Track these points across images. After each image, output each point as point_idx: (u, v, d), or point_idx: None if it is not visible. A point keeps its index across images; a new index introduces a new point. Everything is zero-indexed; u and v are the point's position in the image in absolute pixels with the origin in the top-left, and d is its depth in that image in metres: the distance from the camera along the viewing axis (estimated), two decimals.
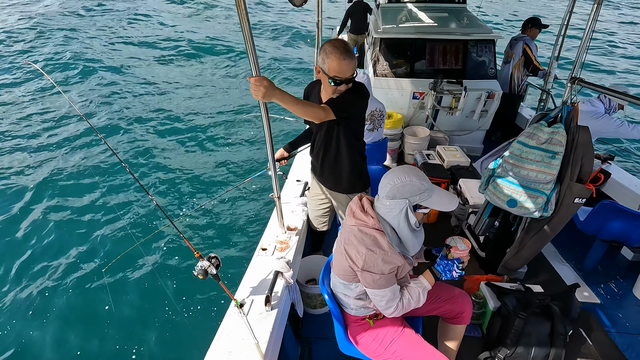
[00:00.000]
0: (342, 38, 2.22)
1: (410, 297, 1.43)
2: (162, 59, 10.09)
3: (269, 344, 1.47)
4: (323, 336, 2.19)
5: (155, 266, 3.72)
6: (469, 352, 2.00)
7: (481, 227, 2.54)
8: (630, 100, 1.85)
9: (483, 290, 2.17)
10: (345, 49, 1.60)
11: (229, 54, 10.45)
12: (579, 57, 1.95)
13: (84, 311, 3.26)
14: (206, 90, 8.56)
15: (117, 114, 7.18)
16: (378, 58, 4.09)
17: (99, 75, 8.79)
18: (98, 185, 5.06)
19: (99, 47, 10.51)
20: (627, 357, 2.04)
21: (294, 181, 2.71)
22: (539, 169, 1.87)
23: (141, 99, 7.93)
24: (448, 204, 1.36)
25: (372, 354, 1.55)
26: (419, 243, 1.42)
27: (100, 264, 3.73)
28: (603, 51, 11.22)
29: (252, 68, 1.39)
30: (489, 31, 3.98)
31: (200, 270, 1.39)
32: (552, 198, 1.92)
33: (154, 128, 6.78)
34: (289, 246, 2.03)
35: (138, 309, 3.28)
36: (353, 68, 1.64)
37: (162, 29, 12.15)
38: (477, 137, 4.34)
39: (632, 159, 6.07)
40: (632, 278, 2.58)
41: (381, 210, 1.38)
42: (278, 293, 1.70)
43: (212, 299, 3.33)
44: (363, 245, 1.35)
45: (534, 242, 2.14)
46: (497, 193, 2.03)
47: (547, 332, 1.85)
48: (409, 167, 1.38)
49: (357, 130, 1.93)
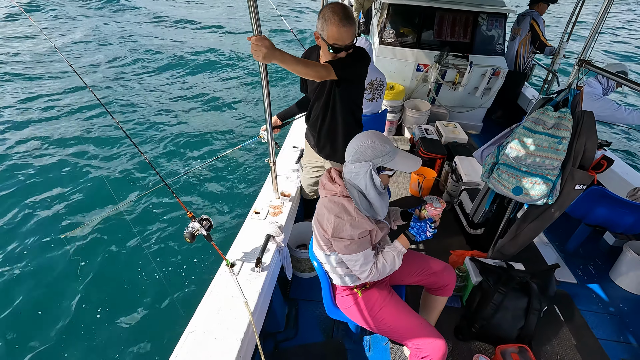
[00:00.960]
0: (342, 2, 2.12)
1: (385, 261, 1.47)
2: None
3: (258, 302, 1.53)
4: (310, 299, 2.28)
5: (146, 225, 3.76)
6: (447, 321, 2.11)
7: (480, 215, 2.56)
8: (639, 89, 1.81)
9: (467, 264, 2.24)
10: (344, 14, 1.53)
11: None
12: (590, 39, 1.89)
13: (67, 273, 3.26)
14: (206, 57, 8.29)
15: (112, 72, 6.96)
16: (385, 25, 3.94)
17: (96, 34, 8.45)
18: (85, 140, 5.01)
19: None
20: (594, 334, 2.17)
21: (290, 148, 2.70)
22: (546, 154, 1.82)
23: (139, 61, 7.68)
24: (410, 166, 1.41)
25: (359, 320, 1.63)
26: (385, 205, 1.48)
27: (74, 224, 3.74)
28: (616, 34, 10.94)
29: (252, 27, 1.34)
30: (501, 4, 3.82)
31: (188, 234, 1.42)
32: (557, 184, 1.89)
33: (151, 89, 6.61)
34: (281, 211, 2.05)
35: (126, 267, 3.33)
36: (353, 35, 1.58)
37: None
38: (477, 114, 4.30)
39: (622, 144, 6.10)
40: (611, 262, 2.68)
41: (348, 176, 1.42)
42: (269, 256, 1.74)
43: (203, 259, 3.40)
44: (332, 213, 1.40)
45: (531, 228, 2.14)
46: (501, 181, 1.98)
47: (523, 307, 1.94)
48: (372, 131, 1.41)
49: (357, 96, 1.90)
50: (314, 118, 1.96)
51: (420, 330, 1.48)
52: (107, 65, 7.30)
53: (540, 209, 2.05)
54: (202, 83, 7.15)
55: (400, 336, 1.53)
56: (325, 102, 1.85)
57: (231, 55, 8.55)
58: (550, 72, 3.97)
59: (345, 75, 1.63)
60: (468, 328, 2.04)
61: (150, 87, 6.67)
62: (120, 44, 8.58)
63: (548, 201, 1.94)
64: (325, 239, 1.47)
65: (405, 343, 1.53)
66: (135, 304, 3.02)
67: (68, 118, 5.53)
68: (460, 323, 2.12)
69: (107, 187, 4.11)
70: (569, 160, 1.85)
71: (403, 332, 1.52)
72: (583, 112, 1.82)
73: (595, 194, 2.39)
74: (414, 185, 3.24)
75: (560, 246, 2.84)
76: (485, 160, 2.16)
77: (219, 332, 1.38)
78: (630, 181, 2.89)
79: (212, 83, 7.19)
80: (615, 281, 2.58)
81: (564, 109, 1.83)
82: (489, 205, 2.41)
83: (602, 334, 2.20)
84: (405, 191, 3.32)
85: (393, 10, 3.89)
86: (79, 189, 4.17)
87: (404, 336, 1.51)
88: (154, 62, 7.80)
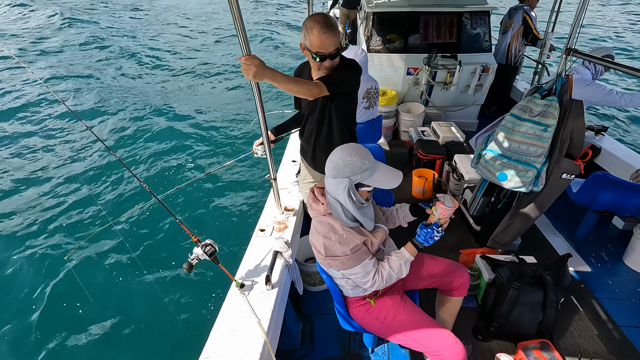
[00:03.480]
0: (326, 12, 2.15)
1: (391, 269, 1.45)
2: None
3: (271, 321, 1.51)
4: (323, 312, 2.25)
5: (148, 251, 3.74)
6: (464, 322, 2.07)
7: (476, 206, 2.56)
8: (627, 71, 1.82)
9: (478, 262, 2.22)
10: (325, 22, 1.53)
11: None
12: (574, 27, 1.91)
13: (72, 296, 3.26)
14: (199, 70, 8.40)
15: (95, 91, 7.08)
16: (371, 33, 4.00)
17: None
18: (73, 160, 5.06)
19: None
20: (615, 321, 2.13)
21: (290, 162, 2.71)
22: (530, 141, 1.85)
23: (125, 75, 7.80)
24: (391, 182, 1.38)
25: (375, 330, 1.60)
26: (369, 219, 1.46)
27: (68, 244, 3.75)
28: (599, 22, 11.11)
29: (241, 48, 1.36)
30: (483, 2, 3.89)
31: (186, 265, 1.42)
32: (542, 172, 1.91)
33: (137, 105, 6.70)
34: (286, 226, 2.04)
35: (135, 293, 3.30)
36: (336, 42, 1.58)
37: None
38: (472, 112, 4.32)
39: (621, 128, 6.11)
40: (623, 246, 2.65)
41: (329, 189, 1.41)
42: (278, 272, 1.72)
43: (212, 281, 3.37)
44: (320, 234, 1.41)
45: (523, 216, 2.16)
46: (488, 167, 2.02)
47: (539, 301, 1.91)
48: (352, 145, 1.38)
49: (351, 109, 1.89)
50: (308, 133, 1.95)
51: (437, 336, 1.46)
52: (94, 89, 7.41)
53: (529, 198, 2.06)
54: (193, 93, 7.24)
55: (417, 343, 1.50)
56: (319, 117, 1.84)
57: (226, 64, 8.69)
58: (540, 63, 4.01)
59: (337, 90, 1.63)
60: (486, 327, 2.00)
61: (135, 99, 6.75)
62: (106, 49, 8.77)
63: (534, 189, 1.95)
64: (322, 259, 1.47)
65: (423, 350, 1.50)
66: (145, 333, 2.98)
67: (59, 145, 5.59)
68: (477, 323, 2.08)
69: (101, 209, 4.13)
70: (556, 147, 1.86)
71: (420, 339, 1.49)
72: (571, 100, 1.83)
73: (599, 179, 2.38)
74: (417, 188, 3.23)
75: (569, 235, 2.81)
76: (476, 148, 2.19)
77: (234, 355, 1.36)
78: (632, 164, 2.88)
79: (205, 94, 7.28)
80: (629, 265, 2.55)
81: (550, 97, 1.85)
82: (487, 198, 2.40)
83: (623, 321, 2.15)
84: (408, 194, 3.31)
85: (378, 18, 3.95)
86: (70, 208, 4.20)
87: (421, 343, 1.49)
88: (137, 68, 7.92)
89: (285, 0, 15.45)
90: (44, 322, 3.05)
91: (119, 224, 4.04)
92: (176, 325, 3.01)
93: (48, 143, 5.64)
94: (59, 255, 3.65)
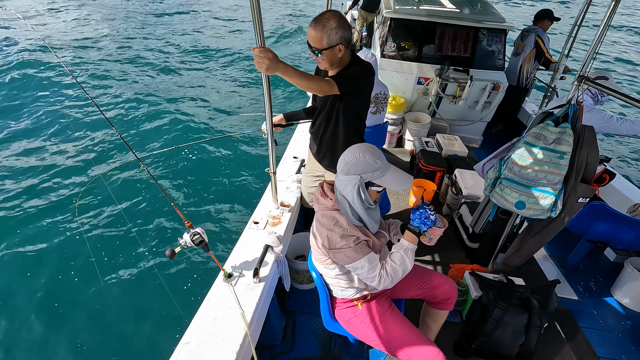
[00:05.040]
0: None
1: (394, 263, 1.42)
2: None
3: (254, 314, 1.51)
4: (308, 311, 2.25)
5: (144, 230, 3.74)
6: (447, 336, 2.08)
7: (481, 226, 2.55)
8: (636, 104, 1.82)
9: (467, 279, 2.22)
10: (316, 17, 1.58)
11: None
12: (589, 55, 1.91)
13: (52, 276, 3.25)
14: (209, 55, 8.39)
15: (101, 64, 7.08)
16: (386, 38, 3.99)
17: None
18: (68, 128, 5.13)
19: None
20: (596, 352, 2.13)
21: (291, 158, 2.71)
22: (549, 169, 1.84)
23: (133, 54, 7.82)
24: (401, 184, 1.37)
25: (358, 333, 1.60)
26: (375, 222, 1.46)
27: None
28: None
29: (256, 38, 1.35)
30: (501, 20, 3.88)
31: (169, 251, 1.42)
32: (559, 198, 1.91)
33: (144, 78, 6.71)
34: (280, 222, 2.04)
35: (122, 273, 3.31)
36: (315, 38, 1.59)
37: None
38: (477, 128, 4.32)
39: (625, 161, 6.12)
40: (612, 278, 2.65)
41: (338, 186, 1.41)
42: (267, 266, 1.72)
43: (201, 268, 3.38)
44: (324, 227, 1.40)
45: (534, 241, 2.15)
46: (504, 195, 2.00)
47: (523, 323, 1.91)
48: (366, 145, 1.39)
49: (361, 109, 1.90)
50: (317, 127, 1.97)
51: (419, 345, 1.46)
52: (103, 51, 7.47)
53: (543, 222, 2.06)
54: (203, 80, 7.26)
55: (399, 350, 1.50)
56: (328, 114, 1.86)
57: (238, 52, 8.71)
58: (550, 87, 4.00)
59: (348, 89, 1.65)
60: (468, 344, 2.00)
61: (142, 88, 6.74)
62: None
63: (551, 215, 1.95)
64: (324, 253, 1.45)
65: (404, 358, 1.50)
66: (129, 311, 2.99)
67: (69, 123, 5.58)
68: (460, 339, 2.09)
69: (106, 187, 4.12)
70: (572, 174, 1.87)
71: (401, 346, 1.49)
72: (584, 126, 1.84)
73: (595, 209, 2.38)
74: (414, 198, 3.23)
75: (560, 262, 2.81)
76: (487, 174, 2.17)
77: (214, 343, 1.36)
78: (630, 197, 2.88)
79: (216, 80, 7.29)
80: (617, 298, 2.55)
81: (564, 124, 1.84)
82: (492, 218, 2.40)
83: (603, 352, 2.16)
84: (405, 204, 3.31)
85: (395, 24, 3.94)
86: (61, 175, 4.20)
87: (403, 350, 1.49)
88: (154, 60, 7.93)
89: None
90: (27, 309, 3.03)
91: (113, 203, 4.04)
92: (160, 306, 3.02)
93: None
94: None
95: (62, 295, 3.09)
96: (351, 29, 1.73)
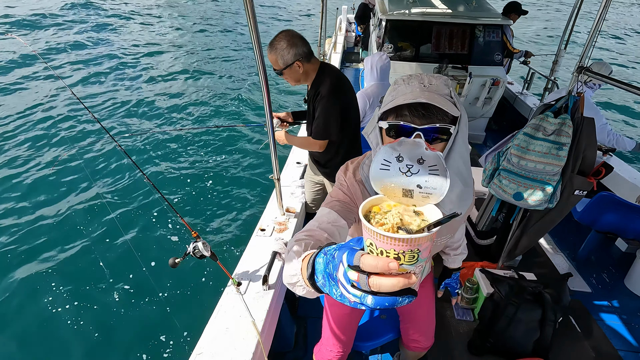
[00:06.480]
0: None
1: (288, 262, 0.81)
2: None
3: (266, 322, 1.50)
4: (319, 316, 2.24)
5: (147, 243, 3.75)
6: (460, 336, 2.05)
7: (484, 223, 2.54)
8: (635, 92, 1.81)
9: (477, 276, 2.20)
10: (270, 42, 1.71)
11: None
12: (587, 46, 1.90)
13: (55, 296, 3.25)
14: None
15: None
16: (383, 40, 4.01)
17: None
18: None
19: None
20: (612, 344, 2.10)
21: (294, 163, 2.71)
22: (547, 160, 1.84)
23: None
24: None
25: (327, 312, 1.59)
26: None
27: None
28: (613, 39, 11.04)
29: (251, 38, 1.33)
30: (497, 16, 3.89)
31: (171, 261, 1.41)
32: (557, 190, 1.91)
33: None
34: (287, 227, 2.04)
35: (130, 286, 3.31)
36: (271, 60, 1.74)
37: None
38: (479, 124, 4.31)
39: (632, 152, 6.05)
40: (625, 269, 2.62)
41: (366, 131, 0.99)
42: (275, 273, 1.72)
43: (209, 276, 3.38)
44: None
45: (533, 232, 2.15)
46: (502, 186, 2.00)
47: (537, 319, 1.89)
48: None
49: (345, 124, 1.92)
50: (308, 133, 2.02)
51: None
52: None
53: (540, 214, 2.05)
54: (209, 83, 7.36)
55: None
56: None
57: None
58: (550, 80, 3.99)
59: (331, 133, 1.85)
60: (482, 342, 1.98)
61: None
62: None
63: (549, 206, 1.95)
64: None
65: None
66: (137, 325, 2.97)
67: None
68: (473, 337, 2.06)
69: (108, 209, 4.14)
70: (569, 166, 1.86)
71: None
72: (583, 118, 1.83)
73: (604, 200, 2.35)
74: None
75: (571, 254, 2.78)
76: (485, 166, 2.18)
77: (227, 353, 1.35)
78: (639, 186, 2.85)
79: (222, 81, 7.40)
80: (630, 288, 2.52)
81: (564, 115, 1.84)
82: (496, 214, 2.39)
83: (621, 345, 2.12)
84: None
85: (391, 25, 3.96)
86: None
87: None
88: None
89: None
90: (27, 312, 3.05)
91: (115, 208, 4.07)
92: (169, 318, 3.01)
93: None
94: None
95: (71, 301, 3.10)
96: (305, 44, 1.74)
